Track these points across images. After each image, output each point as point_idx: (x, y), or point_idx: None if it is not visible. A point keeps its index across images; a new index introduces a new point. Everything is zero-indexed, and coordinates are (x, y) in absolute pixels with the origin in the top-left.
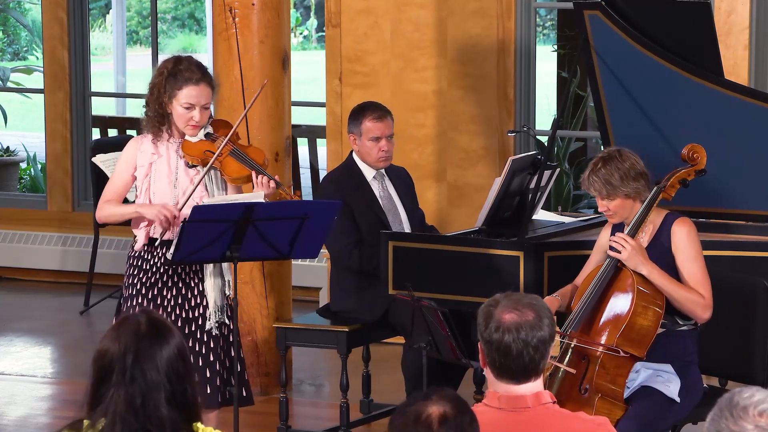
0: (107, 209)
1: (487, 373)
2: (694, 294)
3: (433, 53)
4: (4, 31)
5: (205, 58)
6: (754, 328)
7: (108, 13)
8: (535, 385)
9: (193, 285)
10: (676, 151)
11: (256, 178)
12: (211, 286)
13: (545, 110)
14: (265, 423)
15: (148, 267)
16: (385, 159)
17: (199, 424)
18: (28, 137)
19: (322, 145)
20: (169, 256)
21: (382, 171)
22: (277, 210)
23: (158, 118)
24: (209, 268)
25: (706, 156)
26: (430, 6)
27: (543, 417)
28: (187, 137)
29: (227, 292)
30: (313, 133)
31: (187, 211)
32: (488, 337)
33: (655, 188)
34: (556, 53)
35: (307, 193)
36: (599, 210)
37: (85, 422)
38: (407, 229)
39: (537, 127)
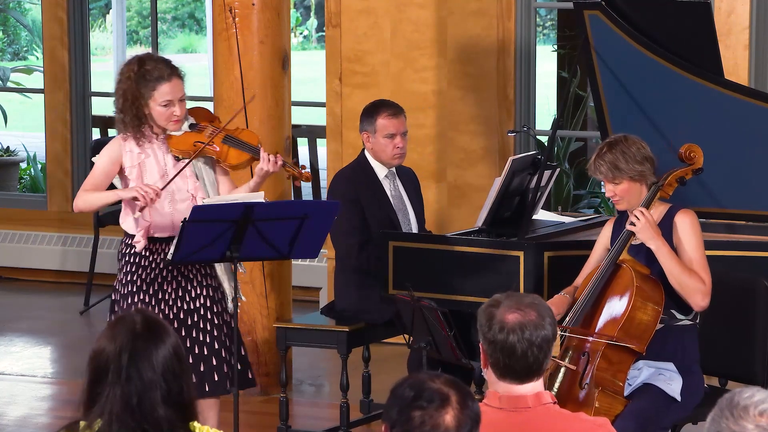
0: (85, 197)
1: (488, 373)
2: (696, 278)
3: (433, 53)
4: (4, 31)
5: (205, 58)
6: (754, 328)
7: (108, 13)
8: (536, 385)
9: (191, 276)
10: (677, 150)
11: (261, 158)
12: (222, 274)
13: (545, 110)
14: (265, 423)
15: (146, 263)
16: (399, 156)
17: (195, 423)
18: (28, 137)
19: (322, 145)
20: (169, 256)
21: (393, 170)
22: (276, 210)
23: (136, 121)
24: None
25: (702, 155)
26: (430, 6)
27: (543, 417)
28: (170, 132)
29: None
30: (313, 133)
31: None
32: (492, 337)
33: (653, 187)
34: (556, 53)
35: (307, 193)
36: (606, 195)
37: (82, 423)
38: (415, 229)
39: (537, 127)
